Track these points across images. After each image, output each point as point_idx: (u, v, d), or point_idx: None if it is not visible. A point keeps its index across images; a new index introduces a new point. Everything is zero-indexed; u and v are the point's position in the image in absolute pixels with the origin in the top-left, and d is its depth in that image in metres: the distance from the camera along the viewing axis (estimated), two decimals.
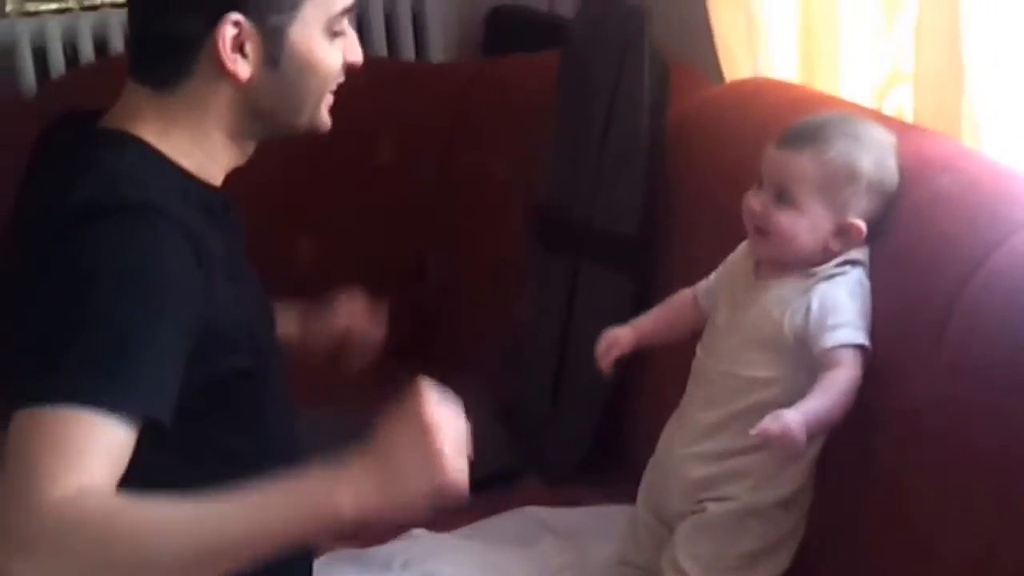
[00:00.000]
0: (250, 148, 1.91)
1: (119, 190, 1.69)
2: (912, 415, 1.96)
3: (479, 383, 2.96)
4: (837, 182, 2.04)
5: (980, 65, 2.25)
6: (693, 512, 2.14)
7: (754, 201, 2.09)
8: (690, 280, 2.37)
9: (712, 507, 2.12)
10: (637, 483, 2.43)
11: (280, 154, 2.84)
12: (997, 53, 2.23)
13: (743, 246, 2.19)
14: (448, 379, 3.05)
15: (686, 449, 2.16)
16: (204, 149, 1.84)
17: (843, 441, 2.08)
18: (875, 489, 2.04)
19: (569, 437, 2.76)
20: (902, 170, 2.11)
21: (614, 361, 2.28)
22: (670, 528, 2.19)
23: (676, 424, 2.22)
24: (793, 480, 2.10)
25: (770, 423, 1.88)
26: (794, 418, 1.88)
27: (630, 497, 2.41)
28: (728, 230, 2.24)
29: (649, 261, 2.67)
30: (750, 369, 2.09)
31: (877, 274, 2.09)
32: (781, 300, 2.07)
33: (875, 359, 2.00)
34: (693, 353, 2.22)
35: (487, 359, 3.09)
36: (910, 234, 2.09)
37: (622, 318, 2.50)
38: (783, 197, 2.06)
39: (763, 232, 2.09)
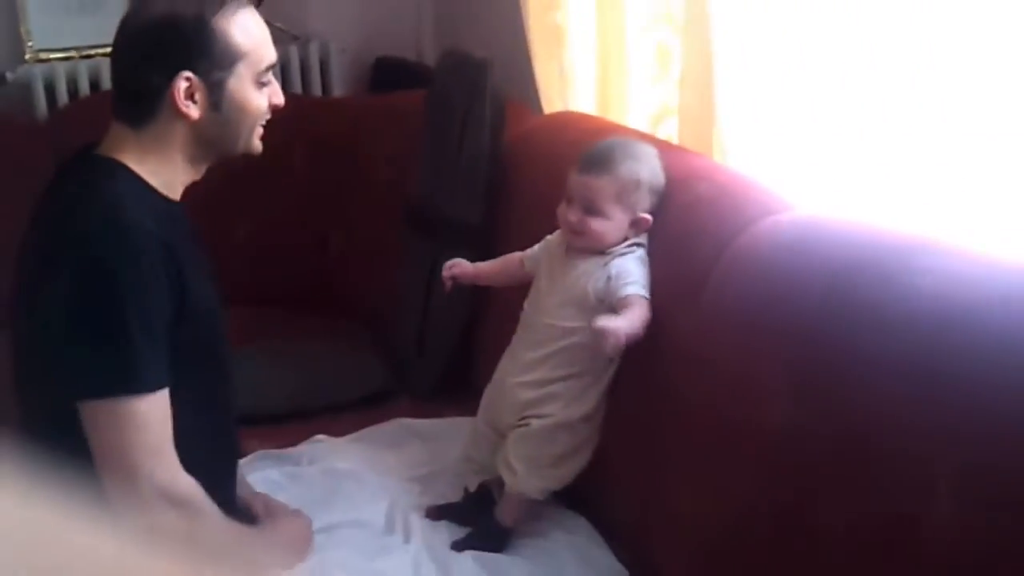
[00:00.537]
0: (203, 169, 1.91)
1: (118, 215, 1.72)
2: (679, 347, 1.93)
3: (363, 330, 2.90)
4: (628, 190, 2.01)
5: (727, 102, 2.24)
6: (519, 425, 2.10)
7: (570, 215, 2.05)
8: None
9: (534, 422, 2.08)
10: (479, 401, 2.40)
11: (227, 165, 2.90)
12: (740, 93, 2.21)
13: (558, 232, 2.14)
14: (341, 325, 3.05)
15: (515, 378, 2.11)
16: (169, 171, 1.85)
17: (629, 371, 2.05)
18: (652, 400, 1.99)
19: (430, 368, 2.70)
20: (671, 180, 2.08)
21: (452, 281, 2.27)
22: (502, 435, 2.14)
23: (508, 359, 2.17)
24: (592, 400, 2.07)
25: (605, 323, 1.85)
26: (616, 323, 1.87)
27: (475, 411, 2.35)
28: (543, 221, 2.20)
29: (489, 244, 2.57)
30: (563, 320, 2.04)
31: (655, 254, 2.05)
32: (586, 272, 2.04)
33: (655, 310, 1.96)
34: (520, 309, 2.17)
35: (371, 312, 3.02)
36: (678, 226, 2.05)
37: (467, 287, 2.47)
38: (591, 210, 2.02)
39: (579, 234, 2.05)
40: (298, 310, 3.15)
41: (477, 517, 2.14)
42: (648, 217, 2.03)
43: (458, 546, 2.07)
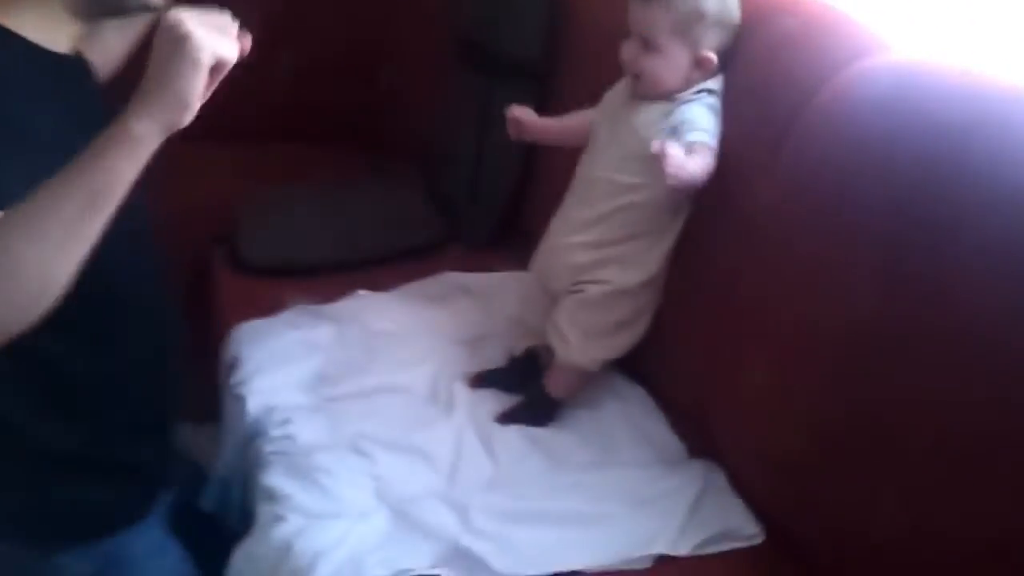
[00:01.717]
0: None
1: None
2: (747, 220, 1.74)
3: (414, 172, 2.70)
4: (687, 22, 1.78)
5: None
6: (573, 291, 1.92)
7: (624, 51, 1.84)
8: (582, 98, 2.08)
9: (590, 288, 1.89)
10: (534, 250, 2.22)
11: None
12: None
13: (625, 78, 1.91)
14: (390, 167, 2.86)
15: (568, 239, 1.92)
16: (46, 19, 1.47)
17: (692, 236, 1.87)
18: (719, 272, 1.81)
19: (484, 216, 2.50)
20: (752, 13, 1.83)
21: (517, 126, 2.04)
22: (554, 299, 1.97)
23: (561, 218, 1.98)
24: (653, 264, 1.88)
25: (669, 146, 1.62)
26: (690, 160, 1.65)
27: (527, 264, 2.18)
28: (616, 56, 1.92)
29: (549, 81, 2.36)
30: (623, 175, 1.83)
31: (729, 103, 1.82)
32: (649, 120, 1.82)
33: (721, 171, 1.73)
34: (577, 162, 1.97)
35: (423, 154, 2.80)
36: (757, 69, 1.81)
37: None
38: (647, 44, 1.81)
39: (636, 76, 1.84)
40: (344, 148, 2.96)
41: (523, 385, 1.99)
42: (712, 56, 1.80)
43: (503, 419, 1.92)
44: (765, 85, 1.77)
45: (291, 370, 2.02)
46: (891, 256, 1.44)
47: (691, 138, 1.72)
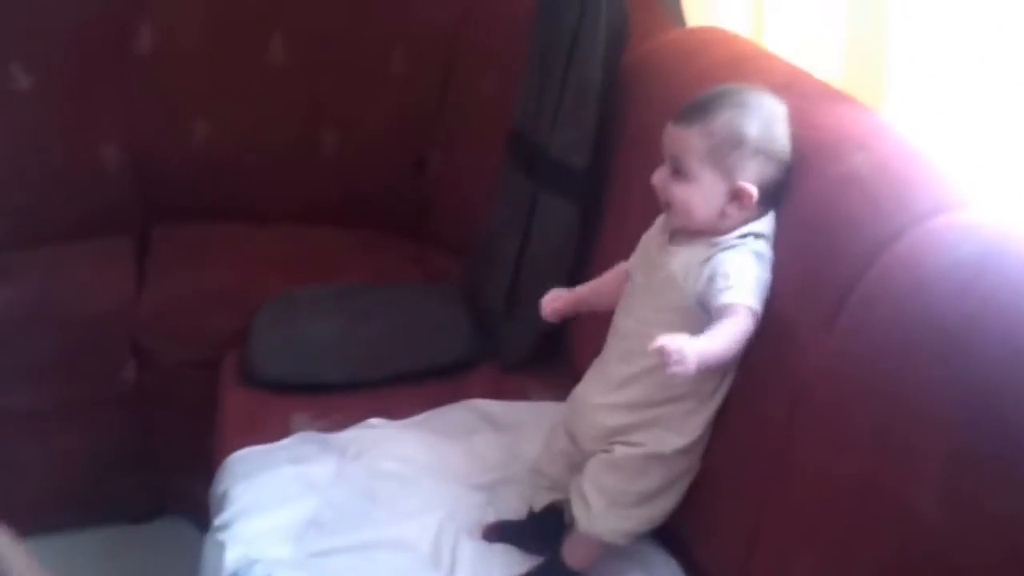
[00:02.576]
0: None
1: None
2: (799, 386, 1.50)
3: (455, 282, 2.49)
4: (723, 149, 1.58)
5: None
6: (603, 451, 1.69)
7: (656, 177, 1.64)
8: (630, 210, 1.94)
9: (620, 450, 1.67)
10: (573, 377, 1.99)
11: (310, 60, 2.67)
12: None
13: (662, 216, 1.70)
14: (432, 261, 2.66)
15: (602, 399, 1.70)
16: None
17: (737, 398, 1.62)
18: (764, 442, 1.56)
19: (522, 335, 2.27)
20: (817, 142, 1.62)
21: (555, 316, 1.83)
22: (582, 453, 1.73)
23: (596, 372, 1.76)
24: (695, 430, 1.65)
25: (668, 341, 1.44)
26: (689, 346, 1.46)
27: (566, 391, 1.94)
28: None
29: (595, 192, 2.16)
30: (660, 328, 1.57)
31: (783, 246, 1.59)
32: (685, 266, 1.61)
33: (771, 328, 1.54)
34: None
35: (465, 250, 2.58)
36: (819, 211, 1.58)
37: (569, 241, 2.16)
38: (678, 170, 1.61)
39: (667, 204, 1.64)
40: (386, 237, 2.78)
41: (542, 545, 1.77)
42: (750, 189, 1.58)
43: None
44: (826, 233, 1.54)
45: (281, 514, 1.83)
46: (968, 450, 1.20)
47: (724, 299, 1.52)
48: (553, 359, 2.25)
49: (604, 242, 2.13)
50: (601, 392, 1.70)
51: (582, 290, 1.83)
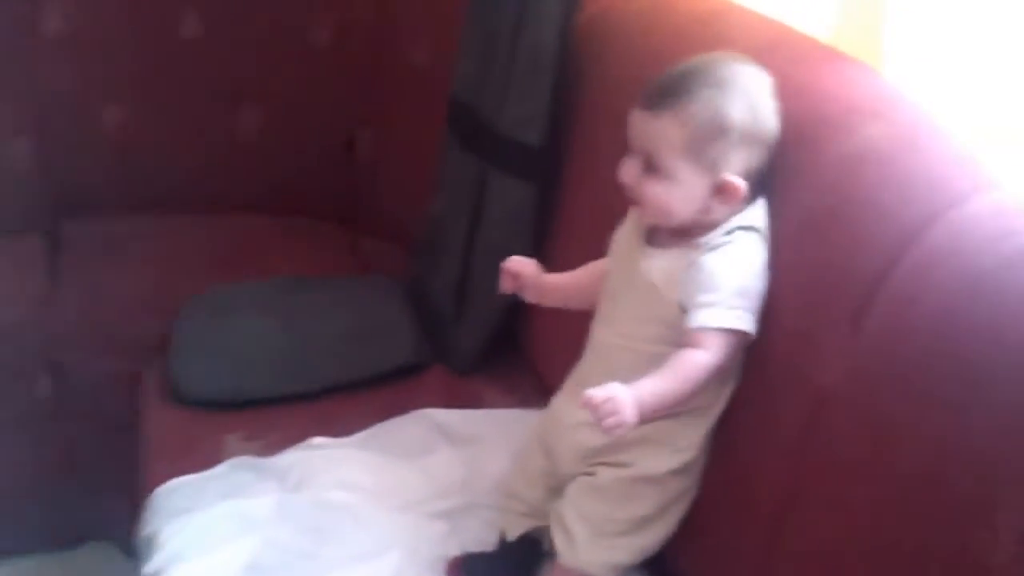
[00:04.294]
0: None
1: None
2: (819, 397, 1.23)
3: (395, 273, 2.20)
4: (704, 140, 1.30)
5: None
6: (585, 473, 1.43)
7: (624, 173, 1.36)
8: (593, 192, 1.70)
9: (605, 472, 1.41)
10: (534, 380, 1.88)
11: (228, 35, 2.41)
12: None
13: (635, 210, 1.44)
14: (366, 250, 2.37)
15: (581, 416, 1.39)
16: None
17: (745, 412, 1.36)
18: (776, 460, 1.30)
19: (474, 334, 1.98)
20: (820, 116, 1.36)
21: (514, 282, 1.54)
22: (562, 474, 1.48)
23: (575, 386, 1.47)
24: (690, 448, 1.39)
25: (596, 392, 1.23)
26: (624, 394, 1.23)
27: (526, 395, 1.82)
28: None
29: (552, 172, 1.88)
30: (646, 343, 1.36)
31: (790, 238, 1.32)
32: (667, 272, 1.35)
33: (784, 332, 1.28)
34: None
35: (406, 237, 2.30)
36: (832, 195, 1.31)
37: (524, 227, 1.87)
38: (651, 165, 1.33)
39: (638, 203, 1.37)
40: (317, 224, 2.48)
41: None
42: (738, 183, 1.31)
43: None
44: (844, 220, 1.27)
45: (217, 559, 1.53)
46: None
47: (696, 321, 1.28)
48: (510, 358, 1.98)
49: (563, 227, 1.87)
50: (581, 409, 1.41)
51: (557, 278, 1.55)
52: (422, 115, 2.26)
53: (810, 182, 1.32)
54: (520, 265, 1.52)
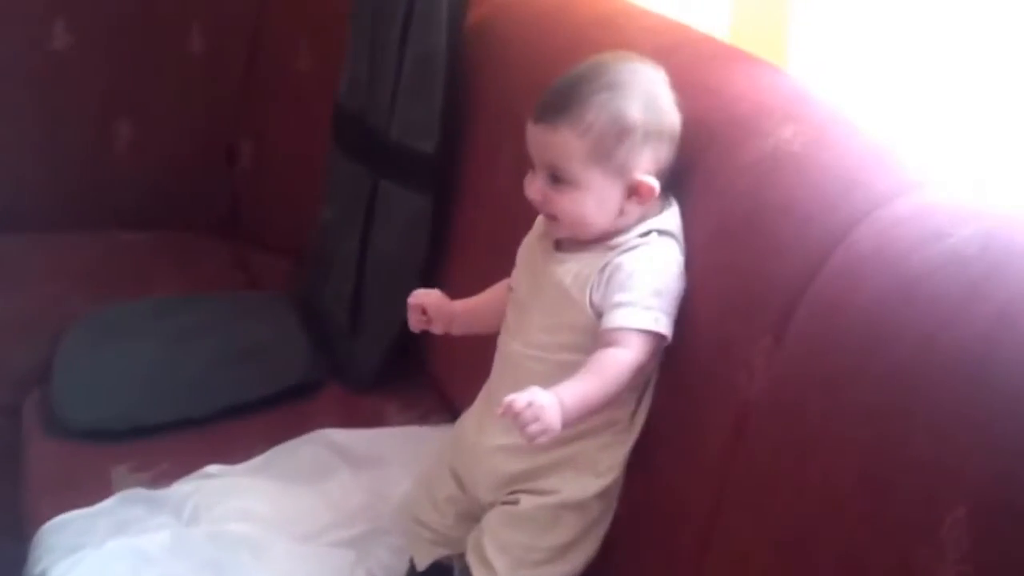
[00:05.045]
0: None
1: None
2: (745, 408, 1.17)
3: (282, 285, 2.10)
4: (608, 144, 1.24)
5: None
6: (505, 502, 1.34)
7: (531, 189, 1.29)
8: (491, 201, 1.64)
9: (527, 500, 1.32)
10: (435, 394, 1.83)
11: (98, 44, 2.29)
12: None
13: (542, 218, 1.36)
14: (252, 268, 2.26)
15: (498, 439, 1.33)
16: None
17: (662, 427, 1.29)
18: (700, 477, 1.24)
19: (370, 348, 1.88)
20: (729, 117, 1.31)
21: (423, 317, 1.43)
22: (475, 502, 1.39)
23: (485, 406, 1.39)
24: (611, 468, 1.31)
25: (517, 398, 1.15)
26: (546, 399, 1.16)
27: (427, 411, 1.78)
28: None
29: (448, 181, 1.79)
30: (560, 354, 1.27)
31: (707, 245, 1.26)
32: (579, 277, 1.27)
33: (704, 343, 1.22)
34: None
35: (294, 250, 2.20)
36: (748, 199, 1.25)
37: (418, 236, 1.79)
38: (558, 178, 1.26)
39: (551, 218, 1.29)
40: (197, 241, 2.35)
41: None
42: (651, 183, 1.25)
43: None
44: (762, 225, 1.21)
45: None
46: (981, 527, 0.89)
47: (613, 321, 1.21)
48: (409, 373, 1.89)
49: (459, 237, 1.79)
50: (495, 432, 1.33)
51: (459, 305, 1.45)
52: (306, 122, 2.18)
53: (724, 187, 1.26)
54: (425, 298, 1.43)
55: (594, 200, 1.25)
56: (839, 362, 1.06)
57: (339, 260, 1.91)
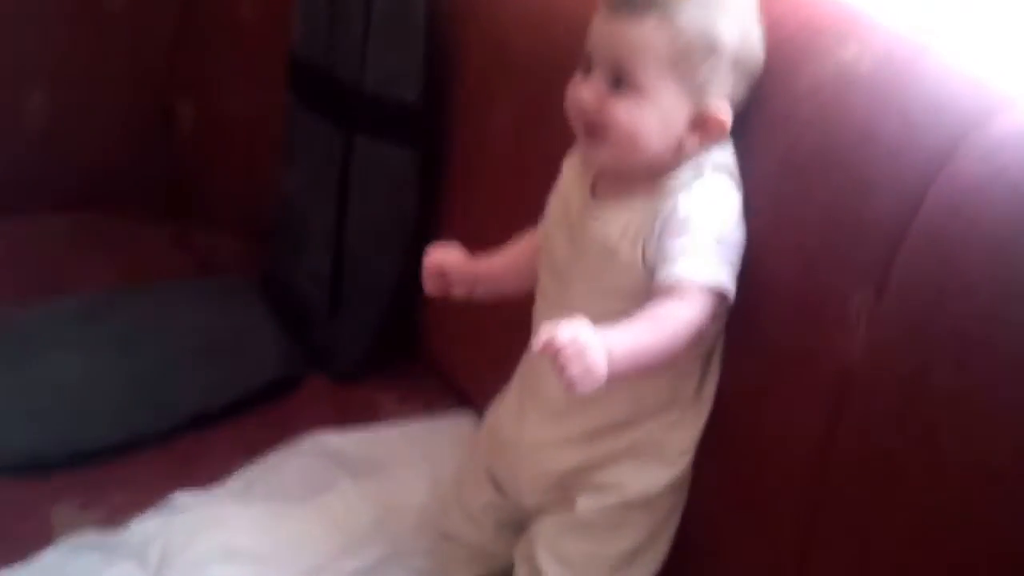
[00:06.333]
0: None
1: None
2: (841, 378, 1.10)
3: (244, 277, 2.01)
4: (693, 58, 1.15)
5: None
6: (558, 506, 1.27)
7: (584, 90, 1.18)
8: (490, 152, 1.58)
9: (586, 503, 1.25)
10: (437, 379, 1.74)
11: (7, 8, 2.19)
12: None
13: (573, 157, 1.28)
14: (202, 248, 2.16)
15: (545, 433, 1.26)
16: None
17: (737, 405, 1.22)
18: (791, 460, 1.18)
19: (356, 332, 1.80)
20: (789, 41, 1.22)
21: (440, 280, 1.34)
22: (520, 507, 1.33)
23: (524, 393, 1.31)
24: (683, 453, 1.25)
25: (559, 331, 1.06)
26: (591, 338, 1.06)
27: (431, 399, 1.71)
28: (536, 92, 1.44)
29: (437, 130, 1.70)
30: (611, 317, 1.15)
31: (770, 186, 1.19)
32: (629, 228, 1.18)
33: (785, 304, 1.15)
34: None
35: (250, 225, 2.10)
36: (815, 131, 1.17)
37: (408, 198, 1.70)
38: (622, 81, 1.16)
39: (598, 132, 1.18)
40: (133, 223, 2.23)
41: None
42: (724, 118, 1.17)
43: None
44: (838, 161, 1.13)
45: None
46: None
47: (672, 272, 1.13)
48: (402, 355, 1.82)
49: (455, 192, 1.70)
50: (540, 423, 1.26)
51: (484, 265, 1.35)
52: (254, 77, 2.09)
53: (783, 117, 1.18)
54: (445, 256, 1.33)
55: (657, 116, 1.16)
56: (965, 310, 0.98)
57: (312, 231, 1.83)
